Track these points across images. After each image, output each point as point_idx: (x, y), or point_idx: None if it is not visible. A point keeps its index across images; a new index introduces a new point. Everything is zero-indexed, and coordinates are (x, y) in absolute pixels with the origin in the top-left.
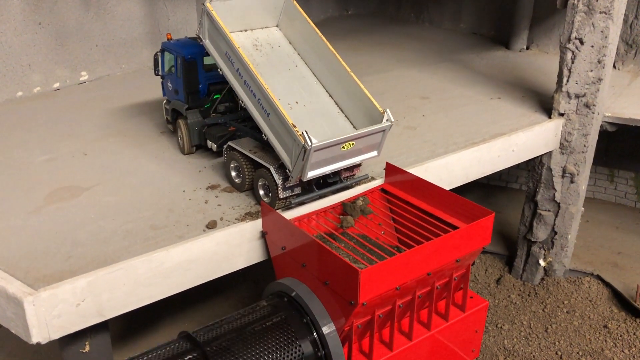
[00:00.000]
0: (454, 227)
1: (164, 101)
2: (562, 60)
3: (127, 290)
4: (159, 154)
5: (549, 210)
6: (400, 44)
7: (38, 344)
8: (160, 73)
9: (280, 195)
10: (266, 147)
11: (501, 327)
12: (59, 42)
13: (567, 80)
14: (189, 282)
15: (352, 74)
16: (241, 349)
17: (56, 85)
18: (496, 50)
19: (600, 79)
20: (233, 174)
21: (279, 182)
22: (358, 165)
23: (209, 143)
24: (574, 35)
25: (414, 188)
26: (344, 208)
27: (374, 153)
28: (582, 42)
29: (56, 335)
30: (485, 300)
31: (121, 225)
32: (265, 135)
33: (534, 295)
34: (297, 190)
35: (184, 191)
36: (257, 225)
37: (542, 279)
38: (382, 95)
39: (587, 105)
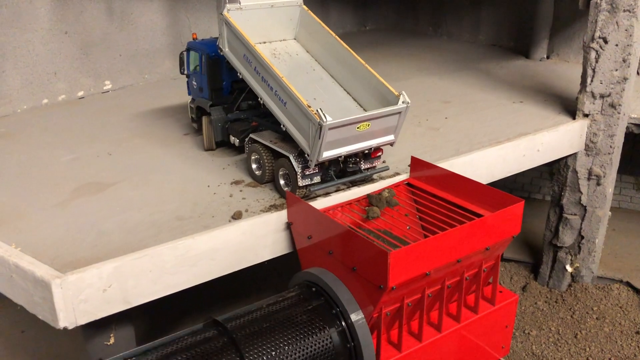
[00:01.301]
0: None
1: (189, 100)
2: (585, 60)
3: (153, 277)
4: (183, 153)
5: (575, 214)
6: (418, 55)
7: (65, 328)
8: (185, 72)
9: (300, 184)
10: (286, 138)
11: (529, 333)
12: (84, 52)
13: (592, 80)
14: (214, 272)
15: (365, 64)
16: (269, 336)
17: (80, 93)
18: (516, 59)
19: (625, 78)
20: (254, 166)
21: (299, 170)
22: (378, 158)
23: (232, 138)
24: (597, 34)
25: (440, 181)
26: (370, 200)
27: (391, 137)
28: (606, 41)
29: (82, 320)
30: (515, 294)
31: (146, 217)
32: (283, 126)
33: (561, 301)
34: (317, 179)
35: (208, 186)
36: (282, 216)
37: (570, 285)
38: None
39: (612, 106)
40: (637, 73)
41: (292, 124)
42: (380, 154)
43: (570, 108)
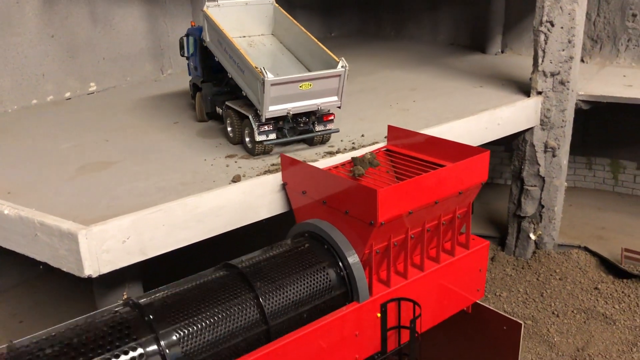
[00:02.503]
0: None
1: (189, 79)
2: (536, 43)
3: (166, 231)
4: (176, 137)
5: (535, 186)
6: (383, 55)
7: (89, 277)
8: (185, 54)
9: (257, 139)
10: (249, 103)
11: (499, 295)
12: (70, 54)
13: (542, 61)
14: (220, 228)
15: (318, 42)
16: (273, 270)
17: (67, 94)
18: (474, 54)
19: (571, 57)
20: (229, 129)
21: (255, 126)
22: (331, 122)
23: (217, 109)
24: (545, 18)
25: (415, 144)
26: (354, 162)
27: (335, 98)
28: (552, 25)
29: (105, 269)
30: (487, 240)
31: (152, 184)
32: (244, 91)
33: (527, 267)
34: (272, 136)
35: (205, 160)
36: (277, 178)
37: (534, 252)
38: (374, 90)
39: (562, 83)
40: (582, 60)
41: (250, 87)
42: (332, 117)
43: (525, 89)
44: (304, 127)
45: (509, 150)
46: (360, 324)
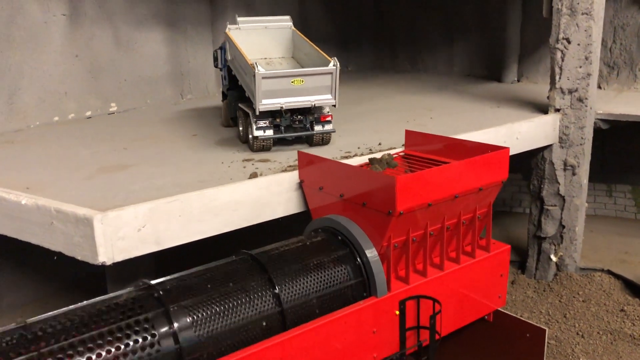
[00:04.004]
0: None
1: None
2: (553, 60)
3: (182, 222)
4: (194, 146)
5: (555, 205)
6: (398, 83)
7: (103, 264)
8: (219, 66)
9: (254, 134)
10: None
11: (521, 316)
12: (93, 75)
13: (560, 78)
14: (236, 223)
15: (322, 52)
16: (289, 258)
17: (88, 113)
18: (489, 83)
19: (589, 74)
20: (240, 128)
21: (253, 122)
22: (328, 122)
23: (238, 113)
24: (561, 36)
25: (433, 146)
26: (371, 162)
27: (329, 96)
28: (569, 42)
29: (120, 257)
30: (508, 245)
31: (170, 182)
32: (247, 92)
33: (549, 290)
34: (269, 132)
35: (222, 162)
36: (294, 176)
37: (555, 274)
38: (390, 110)
39: (580, 100)
40: (599, 87)
41: (248, 85)
42: (329, 118)
43: (543, 109)
44: (300, 125)
45: (527, 178)
46: (378, 321)
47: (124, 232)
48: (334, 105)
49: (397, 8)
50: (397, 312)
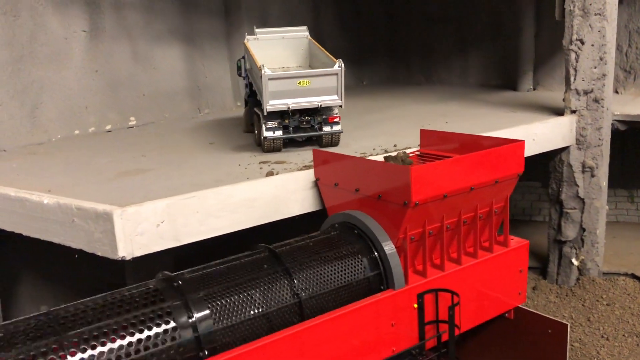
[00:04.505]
0: None
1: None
2: (567, 62)
3: (200, 218)
4: (211, 153)
5: (575, 208)
6: (412, 93)
7: (123, 258)
8: (242, 74)
9: (264, 135)
10: None
11: None
12: (112, 89)
13: (574, 79)
14: (252, 220)
15: (320, 47)
16: (306, 251)
17: (108, 127)
18: (505, 92)
19: (604, 75)
20: (256, 132)
21: (263, 122)
22: (337, 124)
23: None
24: (574, 37)
25: (448, 144)
26: (386, 160)
27: (335, 97)
28: (582, 42)
29: (139, 252)
30: (526, 240)
31: (187, 182)
32: (258, 95)
33: (571, 295)
34: (278, 133)
35: (239, 165)
36: (310, 174)
37: (577, 279)
38: (405, 117)
39: (596, 100)
40: (616, 91)
41: (259, 89)
42: (337, 119)
43: (559, 112)
44: (307, 125)
45: (546, 186)
46: (397, 314)
47: (143, 228)
48: (341, 106)
49: (411, 22)
50: (415, 306)
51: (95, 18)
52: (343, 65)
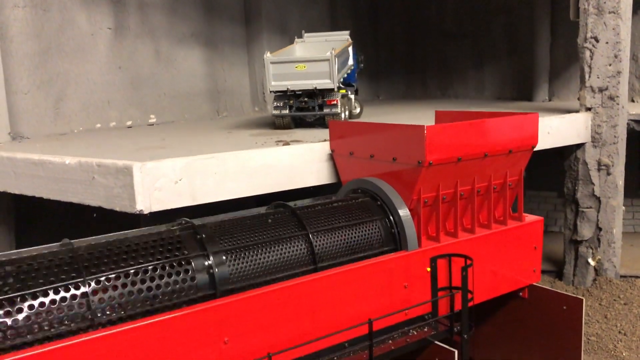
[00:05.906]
0: None
1: None
2: (582, 60)
3: (218, 179)
4: (230, 138)
5: (591, 207)
6: (429, 105)
7: (141, 212)
8: None
9: (273, 112)
10: None
11: None
12: (134, 86)
13: (589, 76)
14: (268, 186)
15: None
16: (321, 210)
17: (129, 122)
18: (521, 102)
19: (619, 72)
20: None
21: (272, 104)
22: (335, 106)
23: None
24: (589, 35)
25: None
26: None
27: (328, 81)
28: (597, 40)
29: (156, 207)
30: (541, 217)
31: (207, 150)
32: None
33: (587, 294)
34: (285, 111)
35: (256, 143)
36: (325, 146)
37: (594, 280)
38: (416, 119)
39: (611, 98)
40: (632, 100)
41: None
42: (335, 102)
43: (574, 111)
44: (306, 105)
45: (562, 195)
46: (409, 276)
47: (161, 183)
48: (334, 89)
49: (428, 38)
50: (429, 269)
51: (120, 16)
52: (334, 52)
